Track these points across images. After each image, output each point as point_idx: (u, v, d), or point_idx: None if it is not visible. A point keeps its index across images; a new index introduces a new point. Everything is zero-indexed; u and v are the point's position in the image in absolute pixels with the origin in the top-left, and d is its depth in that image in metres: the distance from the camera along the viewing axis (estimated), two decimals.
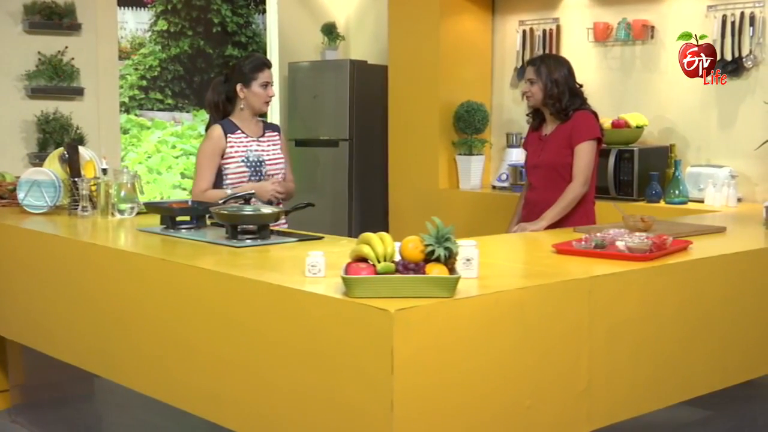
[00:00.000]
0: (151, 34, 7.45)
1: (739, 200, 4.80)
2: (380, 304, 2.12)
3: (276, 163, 4.15)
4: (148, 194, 7.48)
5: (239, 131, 4.07)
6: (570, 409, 2.54)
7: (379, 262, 2.26)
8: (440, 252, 2.27)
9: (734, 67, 4.95)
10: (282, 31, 7.45)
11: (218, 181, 4.06)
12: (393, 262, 2.29)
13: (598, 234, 3.09)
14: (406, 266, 2.27)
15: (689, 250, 3.06)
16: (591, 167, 4.00)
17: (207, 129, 4.16)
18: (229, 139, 4.04)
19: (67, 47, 6.05)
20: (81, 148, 4.18)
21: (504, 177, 5.86)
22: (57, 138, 5.86)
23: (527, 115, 4.30)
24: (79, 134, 6.04)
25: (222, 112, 4.13)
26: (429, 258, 2.29)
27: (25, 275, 3.65)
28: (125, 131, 7.48)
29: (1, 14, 5.88)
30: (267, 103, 4.11)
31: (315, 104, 7.05)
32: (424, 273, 2.25)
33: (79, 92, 6.09)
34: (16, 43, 5.93)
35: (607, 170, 5.08)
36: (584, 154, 3.98)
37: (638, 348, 2.73)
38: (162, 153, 7.72)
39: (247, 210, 3.27)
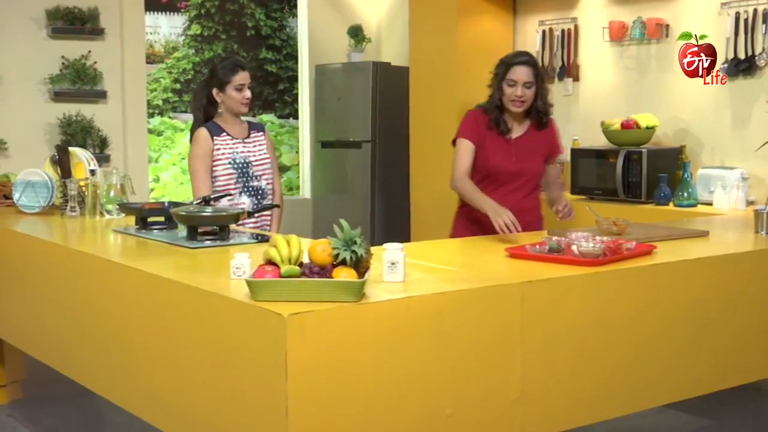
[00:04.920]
0: (185, 38, 7.54)
1: (751, 203, 4.63)
2: (276, 308, 2.09)
3: (262, 164, 4.16)
4: (182, 195, 7.58)
5: (225, 134, 4.09)
6: (500, 417, 2.47)
7: (284, 264, 2.24)
8: (346, 255, 2.24)
9: (747, 66, 4.80)
10: (312, 34, 7.51)
11: None
12: (301, 264, 2.27)
13: (555, 238, 3.02)
14: (311, 269, 2.25)
15: (652, 255, 2.97)
16: None
17: (192, 133, 4.19)
18: (215, 142, 4.05)
19: (90, 51, 6.19)
20: (77, 150, 4.26)
21: None
22: (79, 140, 6.01)
23: (491, 115, 3.82)
24: (101, 136, 6.18)
25: (206, 116, 4.14)
26: (337, 262, 2.26)
27: (6, 273, 3.75)
28: (159, 133, 7.60)
29: (25, 20, 6.06)
30: (244, 105, 4.09)
31: (340, 106, 7.07)
32: (330, 277, 2.22)
33: (101, 95, 6.23)
34: (40, 47, 6.10)
35: (615, 172, 4.97)
36: (557, 164, 4.02)
37: (581, 356, 2.64)
38: None
39: (206, 211, 3.28)
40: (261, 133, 4.24)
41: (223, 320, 2.31)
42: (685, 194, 4.71)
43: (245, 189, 4.08)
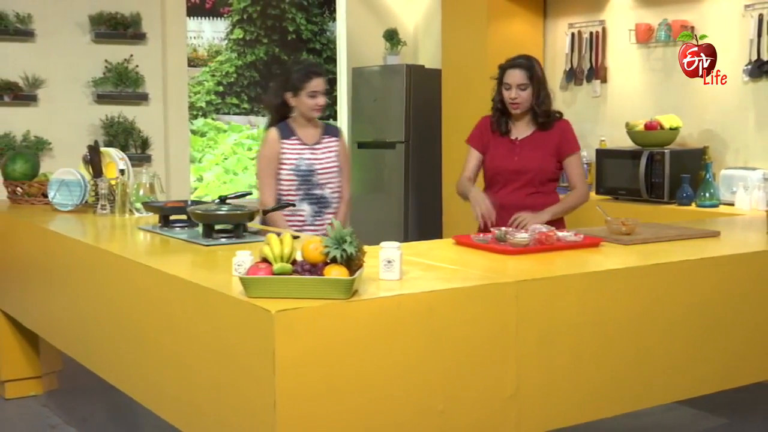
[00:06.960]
0: (228, 43, 7.74)
1: None
2: (265, 304, 2.17)
3: (328, 172, 4.11)
4: (224, 194, 7.76)
5: (295, 137, 4.07)
6: (495, 414, 2.51)
7: (276, 262, 2.34)
8: (336, 254, 2.33)
9: None
10: (350, 38, 7.65)
11: None
12: (294, 262, 2.37)
13: (504, 228, 3.21)
14: (303, 267, 2.34)
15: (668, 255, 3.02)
16: None
17: (266, 130, 4.19)
18: (283, 145, 4.04)
19: (132, 55, 6.41)
20: (110, 149, 4.43)
21: None
22: (121, 140, 6.21)
23: (493, 118, 4.06)
24: (142, 137, 6.38)
25: (280, 114, 4.13)
26: (329, 260, 2.36)
27: (39, 269, 3.93)
28: (203, 134, 7.82)
29: (71, 25, 6.29)
30: (317, 111, 4.05)
31: (375, 108, 7.20)
32: (321, 274, 2.31)
33: (143, 98, 6.44)
34: (84, 51, 6.34)
35: (638, 172, 5.00)
36: (580, 163, 4.05)
37: (578, 354, 2.68)
38: (238, 155, 8.01)
39: (222, 210, 3.39)
40: (335, 139, 4.18)
41: (220, 316, 2.41)
42: (707, 194, 4.73)
43: (306, 196, 4.07)
